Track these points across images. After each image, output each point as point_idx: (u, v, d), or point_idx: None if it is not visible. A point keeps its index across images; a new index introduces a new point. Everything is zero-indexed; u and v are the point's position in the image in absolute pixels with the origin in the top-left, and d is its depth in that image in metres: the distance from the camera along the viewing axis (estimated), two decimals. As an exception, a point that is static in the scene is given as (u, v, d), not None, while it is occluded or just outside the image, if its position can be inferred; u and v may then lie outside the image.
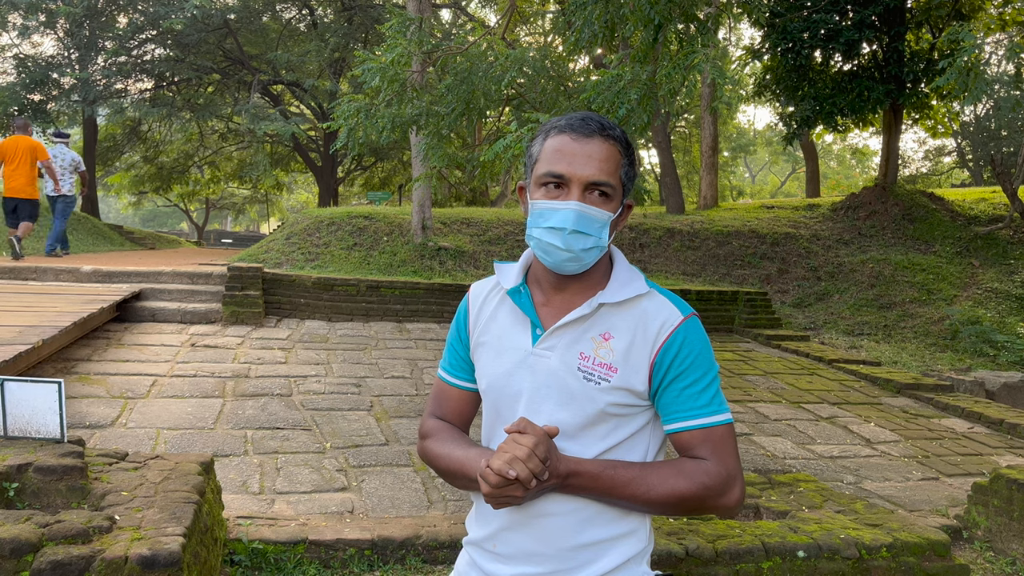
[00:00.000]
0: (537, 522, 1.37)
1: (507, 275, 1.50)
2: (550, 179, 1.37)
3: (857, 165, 50.19)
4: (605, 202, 1.37)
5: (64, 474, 2.98)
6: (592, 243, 1.36)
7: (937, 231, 15.60)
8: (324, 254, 11.60)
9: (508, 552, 1.41)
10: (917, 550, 3.49)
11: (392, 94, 6.85)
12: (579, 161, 1.35)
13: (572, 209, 1.34)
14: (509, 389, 1.43)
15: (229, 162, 31.14)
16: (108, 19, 21.32)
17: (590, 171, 1.34)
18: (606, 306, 1.40)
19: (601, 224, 1.37)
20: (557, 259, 1.38)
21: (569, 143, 1.36)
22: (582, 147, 1.35)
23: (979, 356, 10.44)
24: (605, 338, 1.38)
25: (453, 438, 1.52)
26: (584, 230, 1.35)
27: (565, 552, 1.36)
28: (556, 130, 1.39)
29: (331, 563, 3.66)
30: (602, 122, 1.38)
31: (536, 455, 1.24)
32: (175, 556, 2.49)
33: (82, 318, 6.80)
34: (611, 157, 1.37)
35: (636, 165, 1.44)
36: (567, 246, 1.35)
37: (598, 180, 1.35)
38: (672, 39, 6.16)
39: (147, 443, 5.04)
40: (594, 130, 1.36)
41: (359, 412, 6.16)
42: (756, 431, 6.56)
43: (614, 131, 1.39)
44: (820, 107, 15.79)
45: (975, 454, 6.42)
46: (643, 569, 1.42)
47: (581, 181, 1.35)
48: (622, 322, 1.39)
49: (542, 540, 1.37)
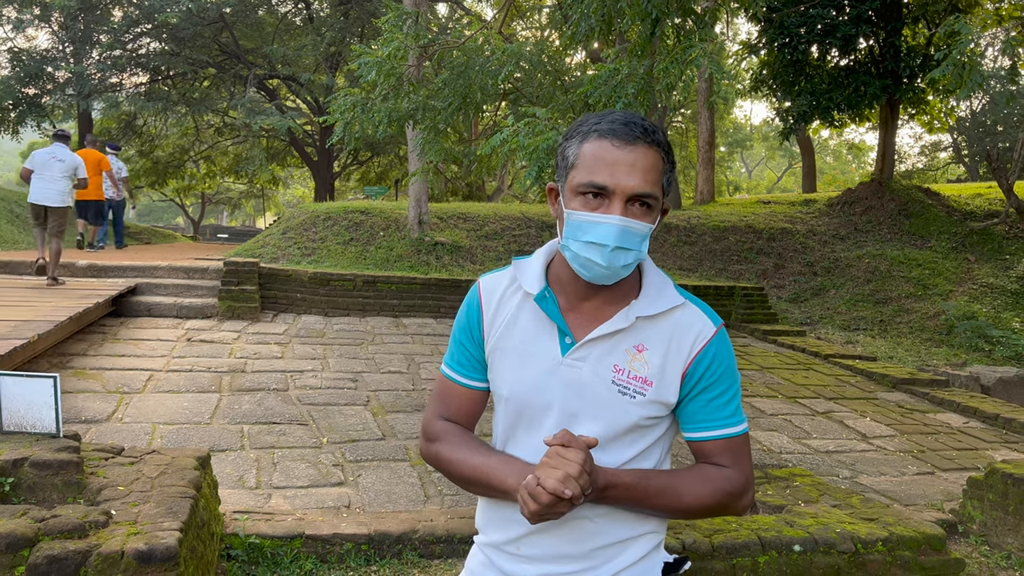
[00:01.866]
0: (569, 525, 1.35)
1: (528, 277, 1.42)
2: (590, 189, 1.28)
3: (853, 160, 50.23)
4: (647, 213, 1.30)
5: (60, 469, 2.97)
6: (633, 258, 1.31)
7: (933, 226, 15.63)
8: (320, 249, 11.57)
9: (534, 554, 1.38)
10: (913, 544, 3.50)
11: (388, 88, 6.83)
12: (622, 171, 1.26)
13: (615, 224, 1.26)
14: (538, 399, 1.37)
15: (225, 157, 31.02)
16: (103, 12, 21.21)
17: (634, 182, 1.26)
18: (642, 319, 1.36)
19: (642, 237, 1.30)
20: (595, 274, 1.31)
21: (611, 150, 1.27)
22: (625, 155, 1.26)
23: (974, 351, 10.46)
24: (639, 350, 1.34)
25: (466, 443, 1.44)
26: (626, 245, 1.28)
27: (593, 551, 1.37)
28: (596, 134, 1.29)
29: (328, 558, 3.65)
30: (645, 126, 1.29)
31: (585, 471, 1.21)
32: (172, 551, 2.49)
33: (78, 313, 6.78)
34: (655, 166, 1.28)
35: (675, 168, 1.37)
36: (608, 263, 1.28)
37: (643, 192, 1.26)
38: (669, 33, 6.15)
39: (143, 438, 5.04)
40: (638, 136, 1.27)
41: (356, 407, 6.16)
42: (752, 426, 6.57)
43: (657, 135, 1.30)
44: (816, 102, 15.79)
45: (970, 449, 6.44)
46: (662, 554, 1.45)
47: (625, 193, 1.26)
48: (656, 334, 1.35)
49: (573, 542, 1.36)
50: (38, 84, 20.58)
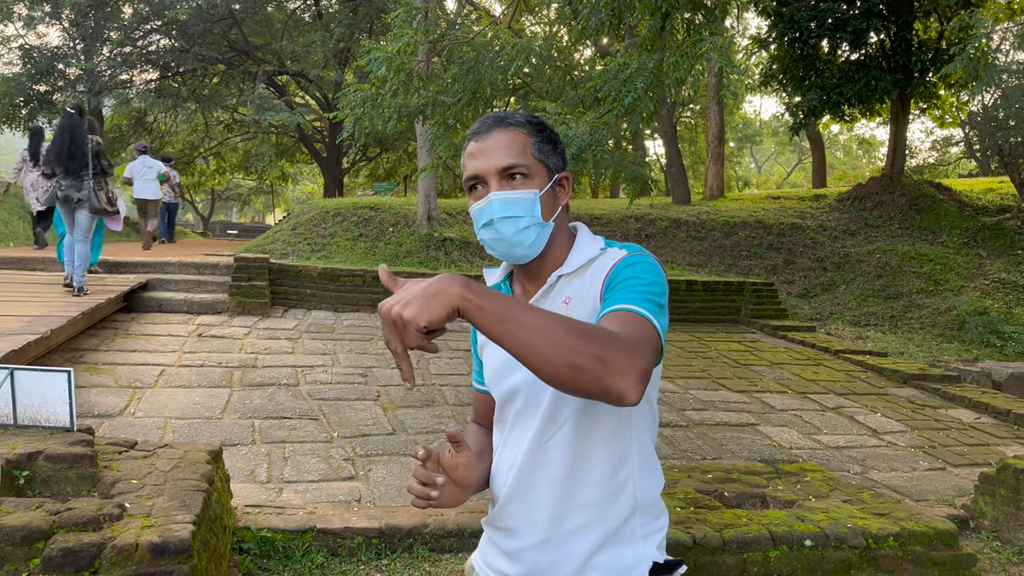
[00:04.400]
0: (531, 492, 1.40)
1: (491, 277, 1.57)
2: (470, 183, 1.43)
3: (864, 155, 49.94)
4: (524, 182, 1.40)
5: (74, 462, 3.00)
6: (525, 223, 1.39)
7: (944, 221, 15.53)
8: (330, 245, 11.60)
9: (512, 525, 1.44)
10: (924, 539, 3.49)
11: (398, 84, 6.83)
12: (484, 156, 1.40)
13: (493, 201, 1.38)
14: (508, 382, 1.45)
15: (234, 153, 31.13)
16: (113, 9, 21.29)
17: (495, 160, 1.39)
18: (564, 276, 1.43)
19: (528, 203, 1.39)
20: (502, 251, 1.42)
21: (475, 145, 1.42)
22: (485, 143, 1.41)
23: (986, 347, 10.41)
24: (565, 303, 1.40)
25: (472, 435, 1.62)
26: (510, 214, 1.38)
27: (562, 515, 1.38)
28: (466, 140, 1.45)
29: (339, 551, 3.67)
30: (498, 115, 1.44)
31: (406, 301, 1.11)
32: (185, 543, 2.50)
33: (90, 308, 6.83)
34: (514, 141, 1.40)
35: (556, 141, 1.46)
36: (500, 235, 1.39)
37: (506, 165, 1.38)
38: (679, 27, 6.13)
39: (155, 432, 5.07)
40: (491, 125, 1.42)
41: (366, 402, 6.18)
42: (763, 421, 6.56)
43: (512, 119, 1.43)
44: (827, 97, 15.70)
45: (982, 444, 6.41)
46: (651, 552, 1.41)
47: (492, 172, 1.39)
48: (579, 284, 1.41)
49: (537, 506, 1.40)
50: (49, 81, 20.68)
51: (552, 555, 1.39)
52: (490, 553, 1.53)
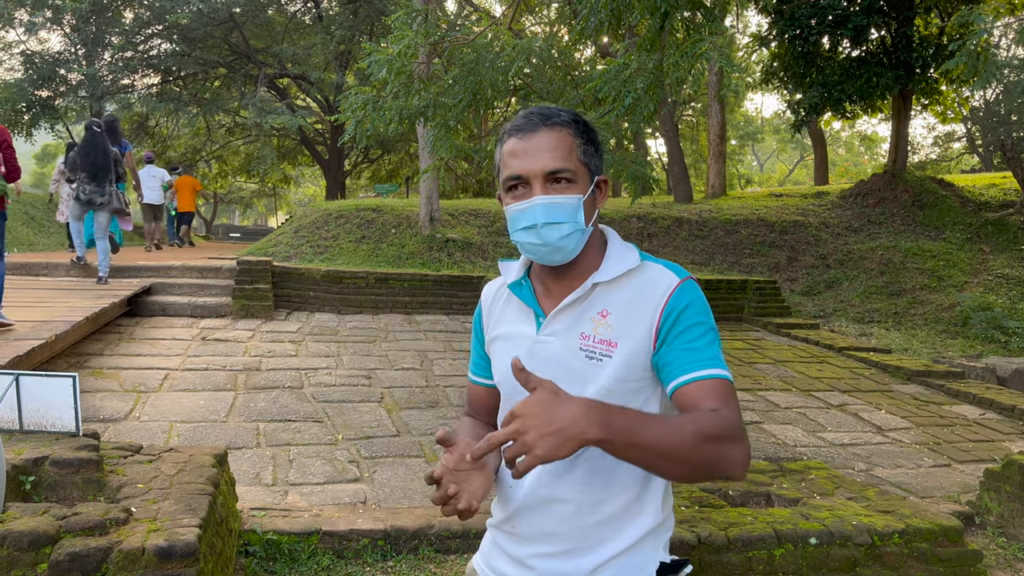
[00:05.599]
0: (553, 506, 1.39)
1: (509, 271, 1.54)
2: (511, 182, 1.39)
3: (866, 152, 49.88)
4: (569, 187, 1.38)
5: (80, 467, 3.01)
6: (568, 229, 1.37)
7: (947, 217, 15.51)
8: (333, 247, 11.62)
9: (527, 532, 1.43)
10: (929, 536, 3.48)
11: (399, 86, 6.84)
12: (530, 157, 1.37)
13: (537, 204, 1.36)
14: None
15: (236, 156, 31.16)
16: (114, 14, 21.34)
17: (543, 163, 1.36)
18: (601, 285, 1.41)
19: (572, 209, 1.37)
20: (542, 255, 1.40)
21: (518, 143, 1.38)
22: (530, 143, 1.37)
23: (990, 342, 10.39)
24: (603, 315, 1.39)
25: (465, 426, 1.63)
26: (555, 220, 1.36)
27: (582, 530, 1.38)
28: (507, 134, 1.42)
29: (345, 553, 3.68)
30: (544, 112, 1.40)
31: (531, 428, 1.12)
32: (192, 547, 2.51)
33: (94, 313, 6.85)
34: (561, 143, 1.37)
35: (596, 142, 1.45)
36: (543, 240, 1.37)
37: (553, 169, 1.36)
38: (678, 27, 6.13)
39: (160, 436, 5.08)
40: (537, 123, 1.38)
41: (370, 404, 6.19)
42: (767, 419, 6.55)
43: (559, 117, 1.40)
44: (828, 94, 15.68)
45: (987, 440, 6.40)
46: (659, 554, 1.42)
47: (538, 175, 1.36)
48: (618, 297, 1.39)
49: (559, 520, 1.39)
50: (51, 86, 20.75)
51: (568, 565, 1.39)
52: (494, 556, 1.53)
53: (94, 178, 8.74)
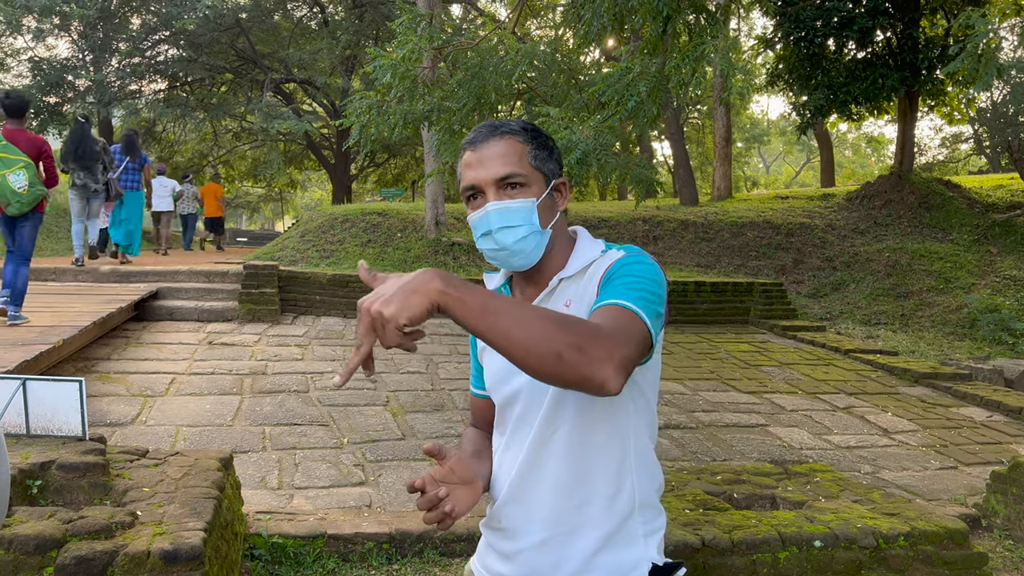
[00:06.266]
0: (530, 493, 1.41)
1: (492, 281, 1.58)
2: (467, 192, 1.43)
3: (872, 154, 49.74)
4: (522, 191, 1.40)
5: (86, 471, 3.03)
6: (524, 232, 1.39)
7: (954, 219, 15.46)
8: (339, 251, 11.65)
9: (510, 525, 1.45)
10: (935, 539, 3.48)
11: (403, 90, 6.86)
12: (481, 166, 1.40)
13: (490, 211, 1.39)
14: (507, 385, 1.46)
15: (243, 161, 31.29)
16: (121, 20, 21.47)
17: (492, 171, 1.39)
18: (565, 280, 1.43)
19: (526, 212, 1.39)
20: (502, 259, 1.43)
21: (471, 155, 1.42)
22: (481, 153, 1.41)
23: (997, 344, 10.35)
24: (567, 305, 1.41)
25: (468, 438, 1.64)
26: (508, 224, 1.38)
27: (562, 514, 1.39)
28: (462, 149, 1.45)
29: (350, 557, 3.69)
30: (493, 124, 1.44)
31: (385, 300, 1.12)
32: (197, 550, 2.53)
33: (101, 318, 6.88)
34: (511, 150, 1.40)
35: (551, 147, 1.47)
36: (500, 244, 1.39)
37: (504, 174, 1.39)
38: (682, 30, 6.14)
39: (167, 440, 5.10)
40: (487, 134, 1.42)
41: (375, 407, 6.20)
42: (772, 422, 6.54)
43: (507, 127, 1.43)
44: (834, 96, 15.66)
45: (994, 443, 6.38)
46: (651, 553, 1.42)
47: (489, 182, 1.39)
48: (579, 287, 1.42)
49: (538, 506, 1.40)
50: (59, 92, 20.87)
51: (551, 556, 1.40)
52: (487, 556, 1.55)
53: (86, 167, 9.47)
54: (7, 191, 6.03)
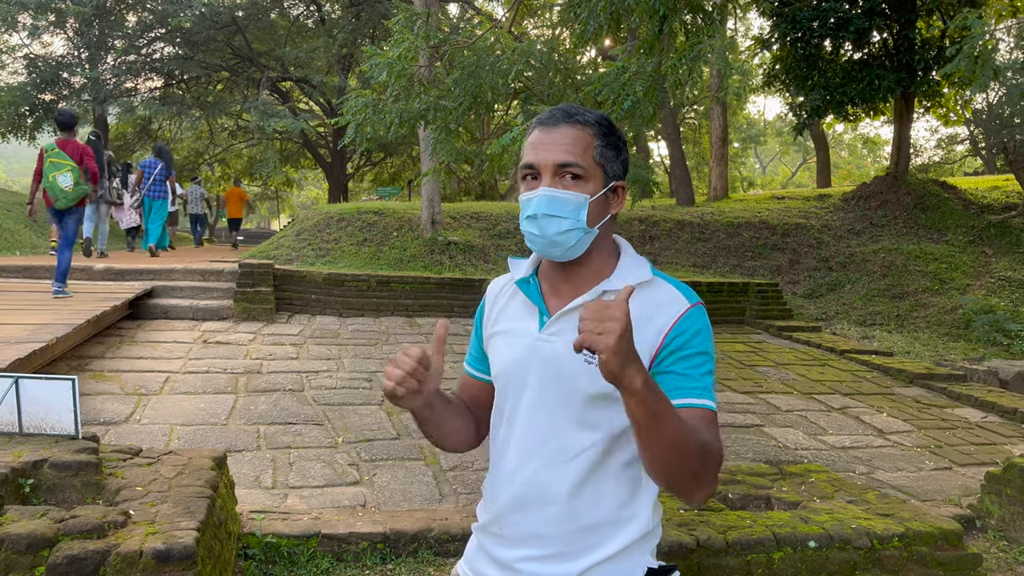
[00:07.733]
0: (541, 507, 1.39)
1: (518, 268, 1.55)
2: (525, 171, 1.42)
3: (868, 155, 49.80)
4: (578, 184, 1.38)
5: (79, 470, 3.01)
6: (568, 225, 1.38)
7: (950, 220, 15.49)
8: (334, 250, 11.63)
9: (513, 535, 1.43)
10: (929, 539, 3.48)
11: (399, 89, 6.85)
12: (544, 148, 1.38)
13: (541, 195, 1.37)
14: (519, 374, 1.45)
15: (239, 159, 31.23)
16: (117, 18, 21.41)
17: (553, 156, 1.37)
18: (609, 293, 1.41)
19: (575, 206, 1.38)
20: (540, 246, 1.42)
21: (539, 135, 1.40)
22: (549, 135, 1.39)
23: (992, 345, 10.37)
24: None
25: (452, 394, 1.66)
26: (556, 213, 1.37)
27: (569, 534, 1.37)
28: (533, 126, 1.44)
29: (344, 556, 3.68)
30: (569, 110, 1.42)
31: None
32: (190, 550, 2.52)
33: (95, 316, 6.85)
34: (579, 140, 1.39)
35: (620, 147, 1.45)
36: (541, 231, 1.38)
37: (564, 162, 1.37)
38: (678, 30, 6.14)
39: (160, 439, 5.09)
40: (560, 119, 1.40)
41: (370, 406, 6.19)
42: (767, 422, 6.55)
43: (582, 116, 1.41)
44: (830, 96, 15.68)
45: (988, 443, 6.39)
46: (646, 559, 1.42)
47: (548, 166, 1.38)
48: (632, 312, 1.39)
49: (546, 523, 1.39)
50: (54, 90, 20.81)
51: (553, 569, 1.39)
52: (478, 560, 1.53)
53: None
54: (56, 190, 7.36)
